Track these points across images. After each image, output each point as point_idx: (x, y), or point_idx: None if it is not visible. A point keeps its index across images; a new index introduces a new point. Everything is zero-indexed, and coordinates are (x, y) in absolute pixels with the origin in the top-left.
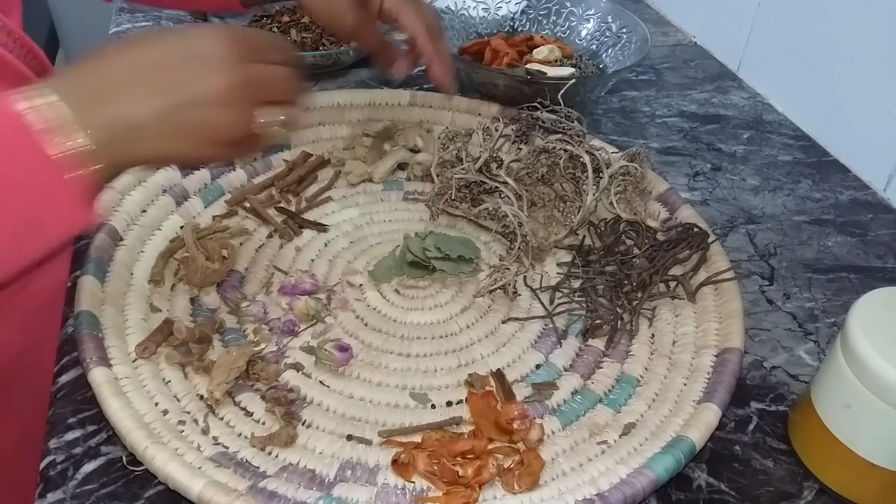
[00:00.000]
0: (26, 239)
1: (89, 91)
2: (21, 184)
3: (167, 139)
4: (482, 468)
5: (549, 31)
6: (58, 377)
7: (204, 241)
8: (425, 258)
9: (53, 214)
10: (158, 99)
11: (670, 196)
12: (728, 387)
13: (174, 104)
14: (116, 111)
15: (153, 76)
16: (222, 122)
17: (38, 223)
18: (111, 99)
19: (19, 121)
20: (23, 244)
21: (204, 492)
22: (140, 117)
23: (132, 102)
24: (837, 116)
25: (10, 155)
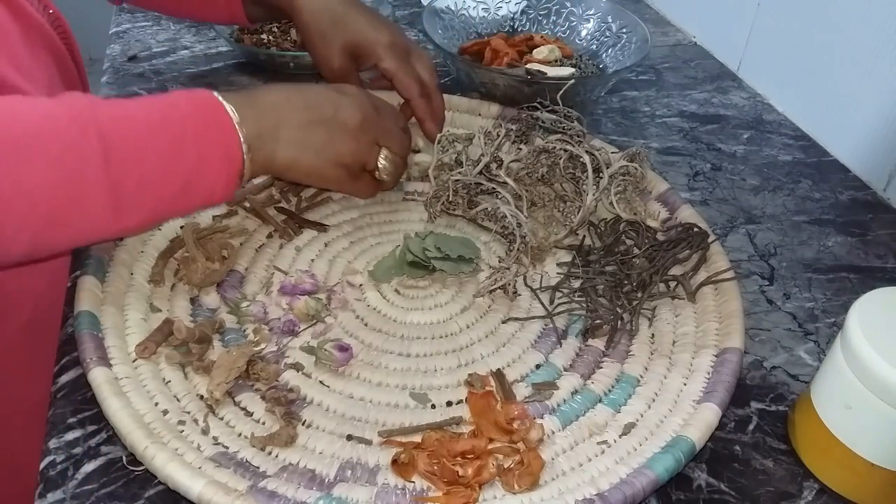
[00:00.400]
0: (182, 195)
1: (250, 103)
2: (195, 147)
3: (301, 148)
4: (482, 468)
5: (549, 31)
6: (58, 377)
7: (204, 241)
8: (425, 258)
9: (206, 180)
10: (303, 115)
11: (670, 196)
12: (728, 386)
13: (316, 120)
14: (269, 116)
15: (301, 100)
16: (347, 147)
17: (194, 184)
18: (267, 108)
19: (214, 101)
20: (178, 199)
21: (204, 492)
22: (285, 123)
23: (282, 113)
24: (837, 116)
25: (204, 119)
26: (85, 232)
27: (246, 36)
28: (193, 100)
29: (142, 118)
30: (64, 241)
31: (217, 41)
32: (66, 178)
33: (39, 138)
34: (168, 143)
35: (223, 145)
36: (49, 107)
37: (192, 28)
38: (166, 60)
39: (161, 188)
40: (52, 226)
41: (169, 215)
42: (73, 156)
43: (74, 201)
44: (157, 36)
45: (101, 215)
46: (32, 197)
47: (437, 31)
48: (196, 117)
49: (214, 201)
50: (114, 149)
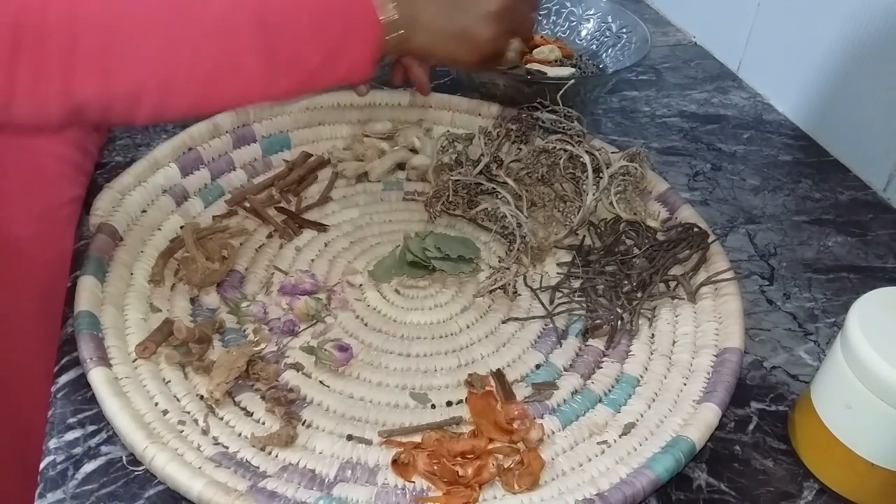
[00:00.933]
0: (326, 66)
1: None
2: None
3: (439, 35)
4: (482, 468)
5: (549, 30)
6: (58, 377)
7: (204, 241)
8: (425, 258)
9: (349, 54)
10: (443, 4)
11: (670, 196)
12: (728, 386)
13: (453, 12)
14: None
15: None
16: (485, 36)
17: (339, 55)
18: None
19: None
20: (323, 69)
21: (204, 492)
22: (424, 15)
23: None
24: (837, 116)
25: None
26: (240, 91)
27: None
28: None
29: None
30: (222, 99)
31: None
32: (224, 39)
33: (203, 5)
34: (317, 10)
35: (364, 22)
36: None
37: None
38: None
39: (309, 55)
40: (212, 83)
41: (315, 84)
42: (231, 18)
43: (231, 61)
44: None
45: (255, 76)
46: (196, 55)
47: None
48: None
49: (353, 76)
50: (268, 14)
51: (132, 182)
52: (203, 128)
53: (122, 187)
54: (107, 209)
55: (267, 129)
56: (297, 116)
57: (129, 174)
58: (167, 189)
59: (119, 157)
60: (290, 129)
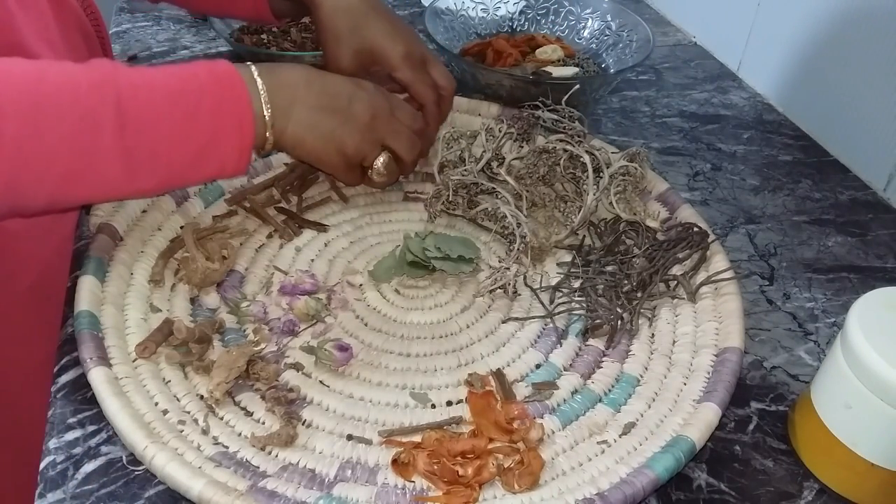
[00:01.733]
0: (194, 166)
1: (269, 79)
2: (210, 119)
3: (310, 129)
4: (482, 468)
5: (549, 30)
6: (58, 377)
7: (204, 241)
8: (425, 258)
9: (219, 151)
10: (319, 99)
11: (670, 196)
12: (728, 386)
13: (329, 107)
14: (286, 94)
15: (319, 86)
16: (352, 140)
17: (207, 155)
18: (285, 86)
19: (233, 74)
20: (191, 168)
21: (204, 491)
22: (300, 103)
23: (299, 93)
24: (837, 116)
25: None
26: (100, 191)
27: (246, 36)
28: (214, 72)
29: (160, 87)
30: (80, 198)
31: (217, 41)
32: (81, 141)
33: (61, 102)
34: (183, 113)
35: (237, 118)
36: (74, 72)
37: (192, 28)
38: (166, 60)
39: (174, 156)
40: (68, 184)
41: (183, 182)
42: (89, 121)
43: (89, 164)
44: (157, 36)
45: (115, 177)
46: (51, 156)
47: (440, 31)
48: (213, 90)
49: (226, 173)
50: (130, 117)
51: None
52: None
53: None
54: (107, 209)
55: None
56: None
57: None
58: None
59: None
60: None
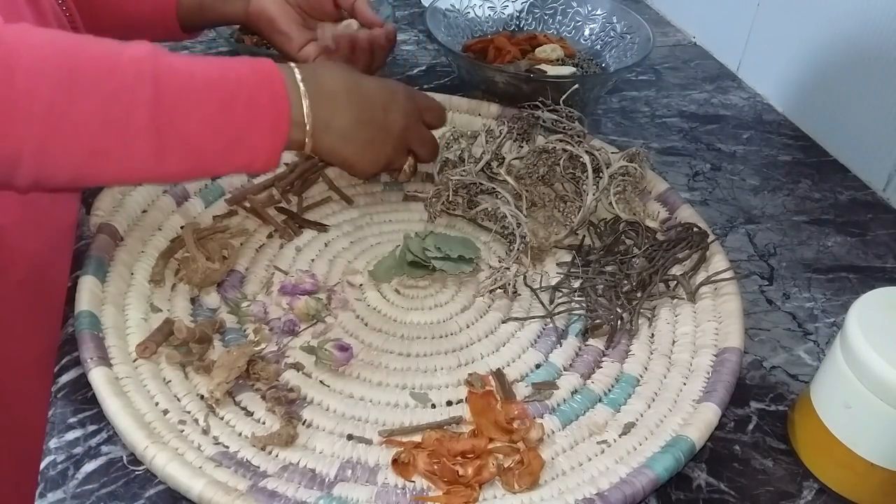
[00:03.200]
0: (223, 156)
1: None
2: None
3: (345, 141)
4: (482, 468)
5: (555, 30)
6: (58, 377)
7: (204, 241)
8: (425, 258)
9: (250, 144)
10: (357, 112)
11: (670, 196)
12: (727, 386)
13: (366, 120)
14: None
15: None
16: (385, 151)
17: (238, 147)
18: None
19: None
20: (220, 159)
21: (204, 491)
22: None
23: (339, 105)
24: (837, 116)
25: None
26: (126, 170)
27: (246, 36)
28: (254, 67)
29: (199, 72)
30: (107, 175)
31: (217, 41)
32: (114, 114)
33: (98, 73)
34: (219, 102)
35: (272, 117)
36: (114, 47)
37: None
38: None
39: (204, 143)
40: (95, 158)
41: (209, 171)
42: (124, 97)
43: (119, 139)
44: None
45: (144, 158)
46: (80, 127)
47: (441, 29)
48: (251, 83)
49: (254, 168)
50: (165, 97)
51: None
52: None
53: (123, 187)
54: (107, 209)
55: None
56: None
57: None
58: (167, 189)
59: None
60: None
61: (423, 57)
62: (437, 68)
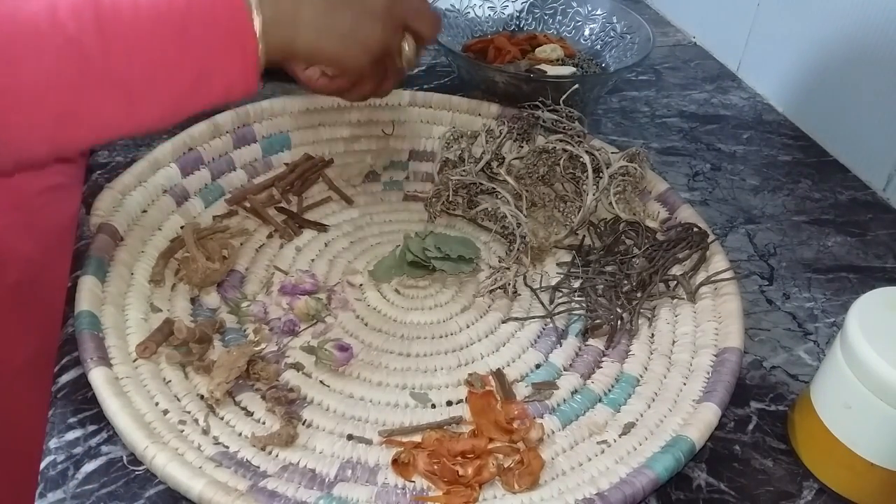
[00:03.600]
0: (197, 88)
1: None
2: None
3: (324, 32)
4: (482, 468)
5: (555, 30)
6: (58, 377)
7: (204, 241)
8: (425, 258)
9: (222, 71)
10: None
11: (670, 196)
12: (727, 386)
13: (337, 7)
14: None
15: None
16: (372, 30)
17: (210, 76)
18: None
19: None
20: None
21: (204, 491)
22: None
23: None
24: (837, 116)
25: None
26: (101, 128)
27: None
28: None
29: (145, 7)
30: (82, 138)
31: None
32: (67, 74)
33: (38, 33)
34: (174, 32)
35: (235, 32)
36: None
37: None
38: None
39: (172, 79)
40: (64, 125)
41: (188, 109)
42: (72, 50)
43: (81, 98)
44: None
45: (113, 111)
46: (38, 95)
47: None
48: (204, 4)
49: (234, 95)
50: (115, 41)
51: (133, 182)
52: (203, 128)
53: (123, 187)
54: (107, 209)
55: (267, 130)
56: (297, 117)
57: (129, 174)
58: (167, 189)
59: (119, 157)
60: (291, 130)
61: (423, 57)
62: (437, 68)
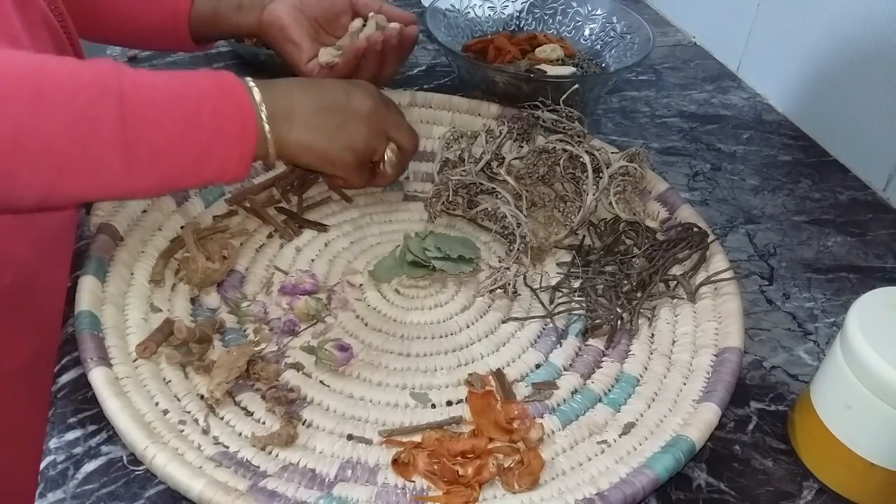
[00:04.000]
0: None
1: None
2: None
3: (314, 131)
4: (482, 468)
5: (555, 30)
6: (58, 377)
7: (204, 241)
8: (425, 258)
9: (219, 155)
10: (317, 100)
11: (670, 196)
12: (727, 386)
13: (329, 106)
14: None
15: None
16: (359, 133)
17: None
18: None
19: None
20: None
21: (204, 491)
22: (300, 106)
23: (296, 97)
24: (837, 116)
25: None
26: (97, 186)
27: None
28: (215, 78)
29: (162, 87)
30: (77, 193)
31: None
32: (81, 132)
33: (63, 91)
34: (184, 113)
35: (239, 123)
36: (76, 66)
37: None
38: (166, 61)
39: (173, 156)
40: (64, 176)
41: (180, 185)
42: (91, 112)
43: (88, 155)
44: None
45: (114, 173)
46: (49, 146)
47: (441, 29)
48: (215, 93)
49: (226, 178)
50: (131, 112)
51: None
52: None
53: None
54: (107, 209)
55: None
56: None
57: None
58: None
59: None
60: None
61: (423, 57)
62: (437, 68)
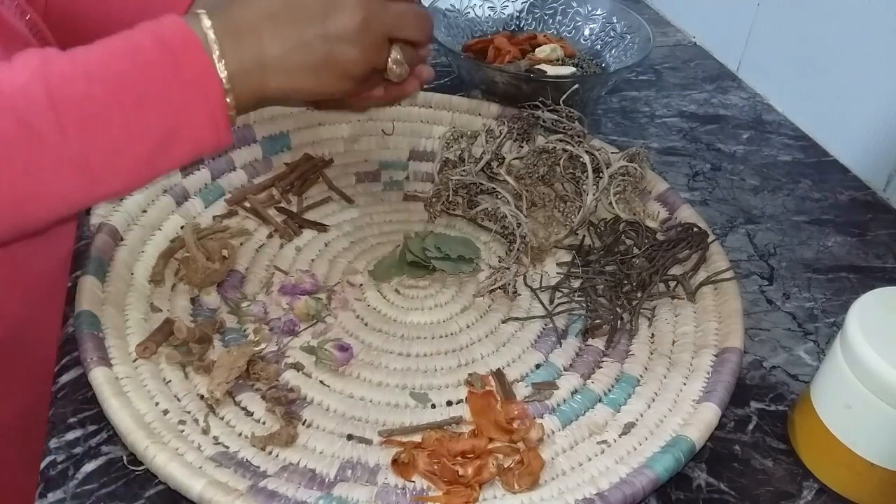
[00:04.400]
0: (164, 151)
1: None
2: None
3: (295, 73)
4: (482, 468)
5: (555, 30)
6: (58, 377)
7: (204, 241)
8: (425, 258)
9: (188, 130)
10: (291, 33)
11: (670, 196)
12: (728, 386)
13: (308, 38)
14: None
15: (286, 13)
16: (351, 58)
17: (175, 136)
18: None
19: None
20: (161, 155)
21: (204, 491)
22: (269, 48)
23: (265, 37)
24: (837, 116)
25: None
26: (64, 206)
27: None
28: (161, 38)
29: (98, 72)
30: (45, 218)
31: None
32: (21, 157)
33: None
34: (134, 99)
35: (201, 91)
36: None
37: None
38: None
39: (136, 149)
40: (23, 207)
41: (158, 172)
42: (24, 132)
43: (39, 181)
44: None
45: (75, 189)
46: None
47: (441, 29)
48: (164, 62)
49: (207, 150)
50: (69, 118)
51: None
52: None
53: None
54: (107, 209)
55: (267, 130)
56: (297, 117)
57: None
58: (167, 189)
59: None
60: (291, 130)
61: None
62: (437, 68)
